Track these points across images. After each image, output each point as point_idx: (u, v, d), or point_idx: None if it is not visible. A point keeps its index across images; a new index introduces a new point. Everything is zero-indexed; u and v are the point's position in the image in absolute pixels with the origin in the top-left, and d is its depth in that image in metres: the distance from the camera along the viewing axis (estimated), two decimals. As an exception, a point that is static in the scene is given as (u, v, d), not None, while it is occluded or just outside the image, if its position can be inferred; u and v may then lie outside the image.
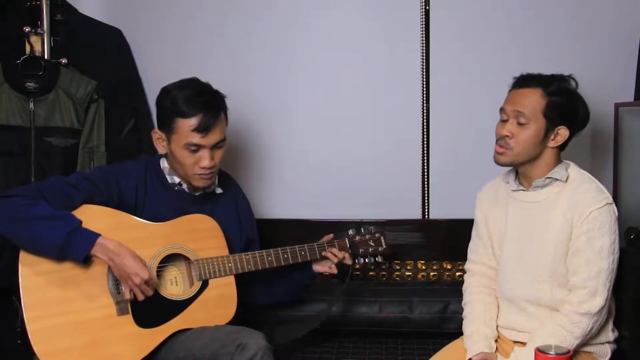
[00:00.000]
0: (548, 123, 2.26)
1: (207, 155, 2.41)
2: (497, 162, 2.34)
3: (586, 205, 2.21)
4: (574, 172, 2.32)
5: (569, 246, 2.24)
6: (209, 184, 2.51)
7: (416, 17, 3.08)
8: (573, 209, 2.23)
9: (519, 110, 2.26)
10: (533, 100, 2.27)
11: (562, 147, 2.34)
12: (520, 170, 2.37)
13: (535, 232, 2.32)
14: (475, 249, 2.55)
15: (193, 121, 2.37)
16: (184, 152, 2.40)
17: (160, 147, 2.48)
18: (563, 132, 2.28)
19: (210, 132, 2.39)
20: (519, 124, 2.27)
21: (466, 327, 2.43)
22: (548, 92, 2.26)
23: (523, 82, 2.32)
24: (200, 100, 2.40)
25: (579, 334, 2.18)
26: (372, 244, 2.74)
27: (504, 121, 2.32)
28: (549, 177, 2.30)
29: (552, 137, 2.28)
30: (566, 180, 2.29)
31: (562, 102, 2.27)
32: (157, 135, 2.47)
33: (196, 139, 2.38)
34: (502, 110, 2.34)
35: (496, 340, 2.38)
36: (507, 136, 2.28)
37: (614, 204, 2.26)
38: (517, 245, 2.36)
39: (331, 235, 2.68)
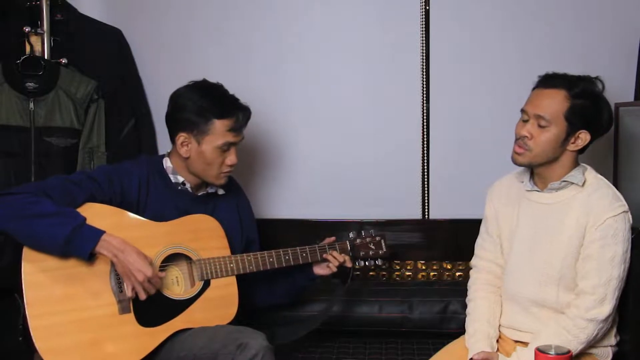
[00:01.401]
0: (569, 127, 2.21)
1: (234, 152, 2.49)
2: (515, 162, 2.30)
3: (602, 212, 2.19)
4: (591, 176, 2.30)
5: (581, 251, 2.22)
6: (227, 181, 2.56)
7: (416, 17, 3.08)
8: (588, 214, 2.21)
9: (540, 115, 2.21)
10: (556, 103, 2.21)
11: (581, 151, 2.30)
12: (537, 171, 2.33)
13: (547, 234, 2.29)
14: (483, 244, 2.53)
15: (230, 121, 2.44)
16: (216, 153, 2.45)
17: (184, 151, 2.47)
18: (584, 137, 2.24)
19: (242, 131, 2.50)
20: (540, 126, 2.22)
21: (469, 325, 2.42)
22: (572, 95, 2.20)
23: (547, 82, 2.27)
24: (233, 100, 2.50)
25: (583, 339, 2.18)
26: (373, 247, 2.74)
27: (524, 121, 2.27)
28: (565, 181, 2.28)
29: (572, 140, 2.24)
30: (582, 185, 2.27)
31: (585, 106, 2.21)
32: (182, 138, 2.46)
33: (231, 138, 2.45)
34: (523, 110, 2.29)
35: (497, 340, 2.37)
36: (527, 137, 2.24)
37: (629, 212, 2.23)
38: (527, 245, 2.34)
39: (333, 238, 2.68)
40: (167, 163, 2.54)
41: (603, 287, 2.17)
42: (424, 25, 3.08)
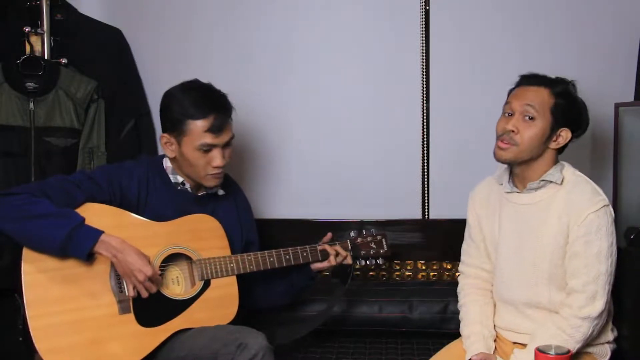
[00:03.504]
0: (554, 122, 2.24)
1: (219, 154, 2.43)
2: (499, 159, 2.29)
3: (582, 209, 2.19)
4: (569, 173, 2.30)
5: (567, 249, 2.23)
6: (220, 183, 2.52)
7: (416, 17, 3.08)
8: (569, 212, 2.22)
9: (529, 104, 2.23)
10: (542, 97, 2.24)
11: (561, 150, 2.32)
12: (517, 170, 2.33)
13: (531, 235, 2.30)
14: (468, 250, 2.54)
15: (206, 122, 2.39)
16: (197, 154, 2.41)
17: (169, 151, 2.47)
18: (565, 134, 2.27)
19: (222, 132, 2.43)
20: (527, 118, 2.24)
21: (463, 329, 2.43)
22: (555, 93, 2.25)
23: (530, 80, 2.31)
24: (211, 101, 2.43)
25: (579, 338, 2.18)
26: (374, 246, 2.74)
27: (509, 115, 2.28)
28: (543, 180, 2.28)
29: (554, 138, 2.26)
30: (561, 183, 2.27)
31: (567, 104, 2.26)
32: (165, 139, 2.47)
33: (209, 139, 2.40)
34: (507, 104, 2.30)
35: (495, 340, 2.38)
36: (513, 131, 2.24)
37: (610, 206, 2.23)
38: (513, 249, 2.35)
39: (329, 234, 2.68)
40: (166, 163, 2.54)
41: (593, 284, 2.17)
42: (424, 25, 3.08)
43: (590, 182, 2.29)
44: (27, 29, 3.00)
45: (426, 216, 3.18)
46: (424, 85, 3.10)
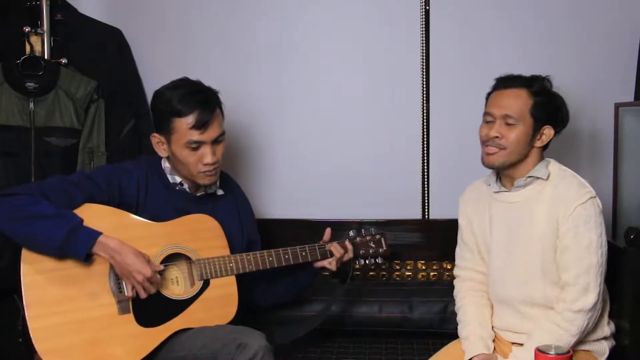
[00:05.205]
0: (535, 123, 2.28)
1: (209, 151, 2.42)
2: (488, 165, 2.34)
3: (570, 201, 2.22)
4: (555, 168, 2.33)
5: (557, 243, 2.24)
6: (214, 180, 2.51)
7: (416, 17, 3.08)
8: (557, 206, 2.24)
9: (507, 114, 2.27)
10: (520, 101, 2.28)
11: (545, 147, 2.35)
12: (505, 172, 2.36)
13: (521, 232, 2.31)
14: (462, 254, 2.55)
15: (190, 119, 2.38)
16: (186, 151, 2.40)
17: (162, 151, 2.48)
18: (548, 132, 2.30)
19: (208, 128, 2.40)
20: (507, 124, 2.28)
21: (462, 330, 2.43)
22: (533, 92, 2.28)
23: (506, 83, 2.34)
24: (195, 97, 2.41)
25: (575, 332, 2.19)
26: (373, 245, 2.74)
27: (489, 122, 2.32)
28: (530, 176, 2.31)
29: (538, 137, 2.30)
30: (547, 178, 2.30)
31: (546, 102, 2.29)
32: (156, 139, 2.47)
33: (195, 136, 2.39)
34: (487, 113, 2.34)
35: (493, 341, 2.38)
36: (497, 137, 2.28)
37: (597, 198, 2.25)
38: (505, 247, 2.36)
39: (329, 230, 2.67)
40: (165, 163, 2.53)
41: (584, 276, 2.19)
42: (424, 25, 3.08)
43: (576, 175, 2.31)
44: (27, 29, 3.00)
45: (426, 216, 3.18)
46: (424, 86, 3.10)
